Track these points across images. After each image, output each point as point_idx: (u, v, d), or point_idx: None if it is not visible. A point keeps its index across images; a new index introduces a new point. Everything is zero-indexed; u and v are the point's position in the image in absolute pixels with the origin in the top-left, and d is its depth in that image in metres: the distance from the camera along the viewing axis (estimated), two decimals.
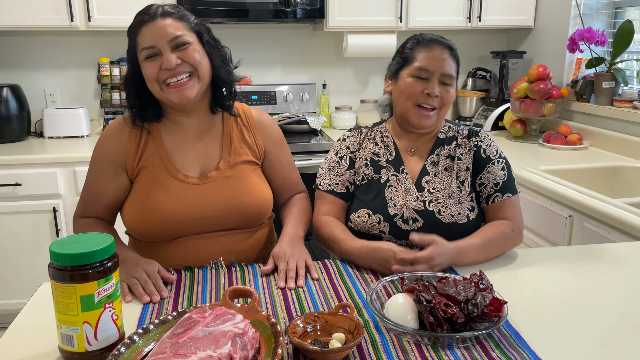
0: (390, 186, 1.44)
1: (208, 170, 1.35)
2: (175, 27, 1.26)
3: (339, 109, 3.34)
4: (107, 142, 1.36)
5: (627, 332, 0.99)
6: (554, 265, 1.29)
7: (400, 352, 0.92)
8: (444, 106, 1.42)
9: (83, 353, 0.89)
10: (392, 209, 1.41)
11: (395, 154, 1.48)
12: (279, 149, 1.46)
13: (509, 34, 3.48)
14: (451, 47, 1.44)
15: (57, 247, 0.87)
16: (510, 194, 1.41)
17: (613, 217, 1.69)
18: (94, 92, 3.18)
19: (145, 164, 1.33)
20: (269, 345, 0.88)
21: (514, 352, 0.92)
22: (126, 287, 1.15)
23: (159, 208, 1.29)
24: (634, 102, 2.55)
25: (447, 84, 1.41)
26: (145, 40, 1.26)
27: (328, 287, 1.19)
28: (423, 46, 1.42)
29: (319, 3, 2.91)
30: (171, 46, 1.26)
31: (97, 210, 1.37)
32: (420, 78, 1.41)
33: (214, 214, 1.32)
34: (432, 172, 1.44)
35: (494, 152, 1.45)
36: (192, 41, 1.28)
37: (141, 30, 1.27)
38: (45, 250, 2.64)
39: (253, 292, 0.98)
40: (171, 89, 1.27)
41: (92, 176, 1.37)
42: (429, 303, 0.98)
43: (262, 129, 1.44)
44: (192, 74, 1.28)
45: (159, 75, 1.26)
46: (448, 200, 1.40)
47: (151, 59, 1.26)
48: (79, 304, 0.86)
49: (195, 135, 1.37)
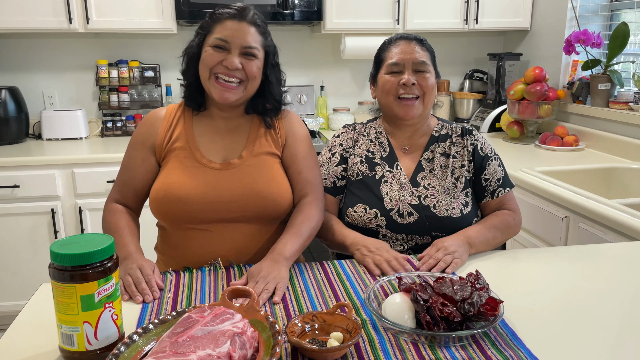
0: (386, 182, 1.48)
1: (231, 158, 1.39)
2: (254, 39, 1.34)
3: (337, 111, 3.35)
4: (142, 125, 1.43)
5: (622, 330, 1.00)
6: (550, 265, 1.30)
7: (398, 351, 0.93)
8: (425, 93, 1.47)
9: (83, 352, 0.89)
10: (388, 203, 1.44)
11: (389, 151, 1.52)
12: (298, 143, 1.45)
13: (506, 36, 3.50)
14: (419, 39, 1.51)
15: (58, 248, 0.87)
16: (509, 187, 1.50)
17: (609, 218, 1.70)
18: (92, 94, 3.19)
19: (172, 147, 1.38)
20: (268, 344, 0.89)
21: (510, 350, 0.93)
22: (121, 285, 1.16)
23: (178, 188, 1.33)
24: (629, 103, 2.57)
25: (422, 71, 1.47)
26: (223, 32, 1.32)
27: (326, 287, 1.20)
28: (392, 45, 1.51)
29: (316, 5, 2.92)
30: (241, 51, 1.32)
31: (127, 194, 1.41)
32: (394, 72, 1.48)
33: (232, 199, 1.33)
34: (428, 169, 1.49)
35: (489, 149, 1.52)
36: (259, 57, 1.36)
37: (225, 22, 1.33)
38: (44, 252, 2.65)
39: (252, 291, 0.99)
40: (218, 84, 1.32)
41: (126, 159, 1.43)
42: (426, 302, 0.99)
43: (287, 123, 1.47)
44: (242, 82, 1.34)
45: (216, 66, 1.32)
46: (443, 195, 1.45)
47: (217, 49, 1.32)
48: (79, 303, 0.87)
49: (225, 129, 1.42)
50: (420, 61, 1.46)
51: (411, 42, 1.48)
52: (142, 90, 3.20)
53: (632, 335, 0.99)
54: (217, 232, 1.35)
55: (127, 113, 3.20)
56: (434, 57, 1.52)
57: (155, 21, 2.83)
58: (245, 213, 1.35)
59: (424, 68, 1.46)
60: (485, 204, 1.50)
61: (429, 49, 1.51)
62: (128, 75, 3.11)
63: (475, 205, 1.50)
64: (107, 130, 3.12)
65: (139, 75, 3.13)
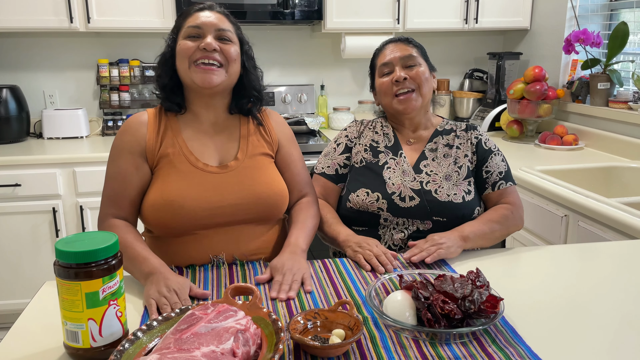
0: (389, 168, 1.52)
1: (226, 160, 1.37)
2: (225, 23, 1.34)
3: (337, 110, 3.36)
4: (125, 133, 1.36)
5: (621, 328, 1.01)
6: (550, 263, 1.31)
7: (399, 348, 0.94)
8: (420, 86, 1.51)
9: (88, 349, 0.90)
10: (390, 187, 1.48)
11: (394, 141, 1.57)
12: (290, 144, 1.47)
13: (506, 36, 3.50)
14: (404, 38, 1.56)
15: (63, 245, 0.88)
16: (512, 182, 1.53)
17: (608, 217, 1.71)
18: (93, 93, 3.20)
19: (165, 153, 1.33)
20: (271, 341, 0.90)
21: (510, 347, 0.94)
22: (154, 306, 1.08)
23: (180, 196, 1.28)
24: (629, 103, 2.58)
25: (411, 65, 1.52)
26: (193, 22, 1.32)
27: (328, 284, 1.21)
28: (380, 50, 1.58)
29: (317, 5, 2.93)
30: (215, 35, 1.32)
31: (123, 206, 1.32)
32: (386, 74, 1.53)
33: (235, 202, 1.32)
34: (431, 157, 1.53)
35: (493, 145, 1.56)
36: (235, 42, 1.36)
37: (193, 14, 1.34)
38: (45, 251, 2.66)
39: (254, 289, 1.00)
40: (198, 69, 1.30)
41: (113, 170, 1.34)
42: (426, 300, 1.00)
43: (275, 124, 1.47)
44: (223, 66, 1.32)
45: (193, 53, 1.30)
46: (445, 182, 1.48)
47: (191, 38, 1.32)
48: (84, 301, 0.88)
49: (213, 128, 1.39)
50: (407, 55, 1.51)
51: (398, 43, 1.55)
52: (142, 90, 3.21)
53: (630, 332, 1.00)
54: (216, 235, 1.33)
55: (128, 112, 3.21)
56: (423, 52, 1.57)
57: (156, 20, 2.84)
58: (247, 216, 1.34)
59: (413, 62, 1.51)
60: (487, 196, 1.52)
61: (417, 45, 1.57)
62: (129, 74, 3.12)
63: (478, 196, 1.52)
64: (107, 129, 3.12)
65: (139, 74, 3.14)
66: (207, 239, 1.33)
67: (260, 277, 1.21)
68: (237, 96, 1.41)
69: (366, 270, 1.27)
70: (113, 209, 1.32)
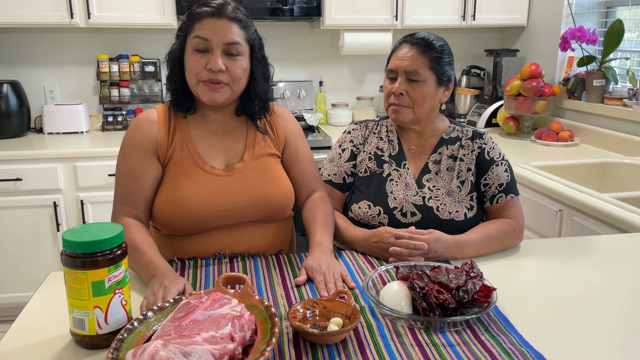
0: (392, 180, 1.48)
1: (233, 162, 1.38)
2: (236, 34, 1.29)
3: (336, 106, 3.38)
4: (135, 131, 1.35)
5: (612, 318, 1.04)
6: (543, 256, 1.34)
7: (395, 336, 0.97)
8: (415, 104, 1.43)
9: (94, 336, 0.93)
10: (392, 202, 1.45)
11: (398, 149, 1.52)
12: (297, 141, 1.47)
13: (503, 33, 3.53)
14: (421, 44, 1.42)
15: (70, 236, 0.91)
16: (513, 194, 1.45)
17: (601, 211, 1.74)
18: (93, 89, 3.21)
19: (174, 153, 1.34)
20: (266, 326, 0.93)
21: (502, 335, 0.97)
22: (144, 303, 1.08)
23: (187, 199, 1.30)
24: (623, 99, 2.60)
25: (414, 80, 1.41)
26: (202, 31, 1.28)
27: None
28: (396, 48, 1.47)
29: (315, 1, 2.95)
30: (223, 49, 1.28)
31: (139, 205, 1.32)
32: (390, 79, 1.47)
33: (241, 205, 1.34)
34: (434, 171, 1.48)
35: (497, 154, 1.48)
36: (243, 52, 1.31)
37: (203, 20, 1.29)
38: (46, 245, 2.68)
39: (245, 278, 1.02)
40: (206, 86, 1.29)
41: (127, 169, 1.33)
42: (422, 290, 1.03)
43: (282, 122, 1.47)
44: (228, 85, 1.31)
45: (201, 72, 1.28)
46: (447, 198, 1.44)
47: (200, 53, 1.29)
48: (90, 289, 0.91)
49: (221, 129, 1.40)
50: (411, 70, 1.40)
51: (412, 48, 1.42)
52: (142, 85, 3.23)
53: (620, 322, 1.03)
54: (222, 234, 1.35)
55: (128, 107, 3.23)
56: (438, 60, 1.42)
57: (155, 16, 2.85)
58: (253, 217, 1.36)
59: (415, 77, 1.41)
60: (487, 209, 1.48)
61: (432, 54, 1.41)
62: (129, 70, 3.14)
63: (481, 209, 1.48)
64: (107, 125, 3.14)
65: (139, 69, 3.16)
66: (213, 238, 1.35)
67: (299, 279, 1.20)
68: (245, 100, 1.40)
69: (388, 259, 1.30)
70: (127, 208, 1.31)
